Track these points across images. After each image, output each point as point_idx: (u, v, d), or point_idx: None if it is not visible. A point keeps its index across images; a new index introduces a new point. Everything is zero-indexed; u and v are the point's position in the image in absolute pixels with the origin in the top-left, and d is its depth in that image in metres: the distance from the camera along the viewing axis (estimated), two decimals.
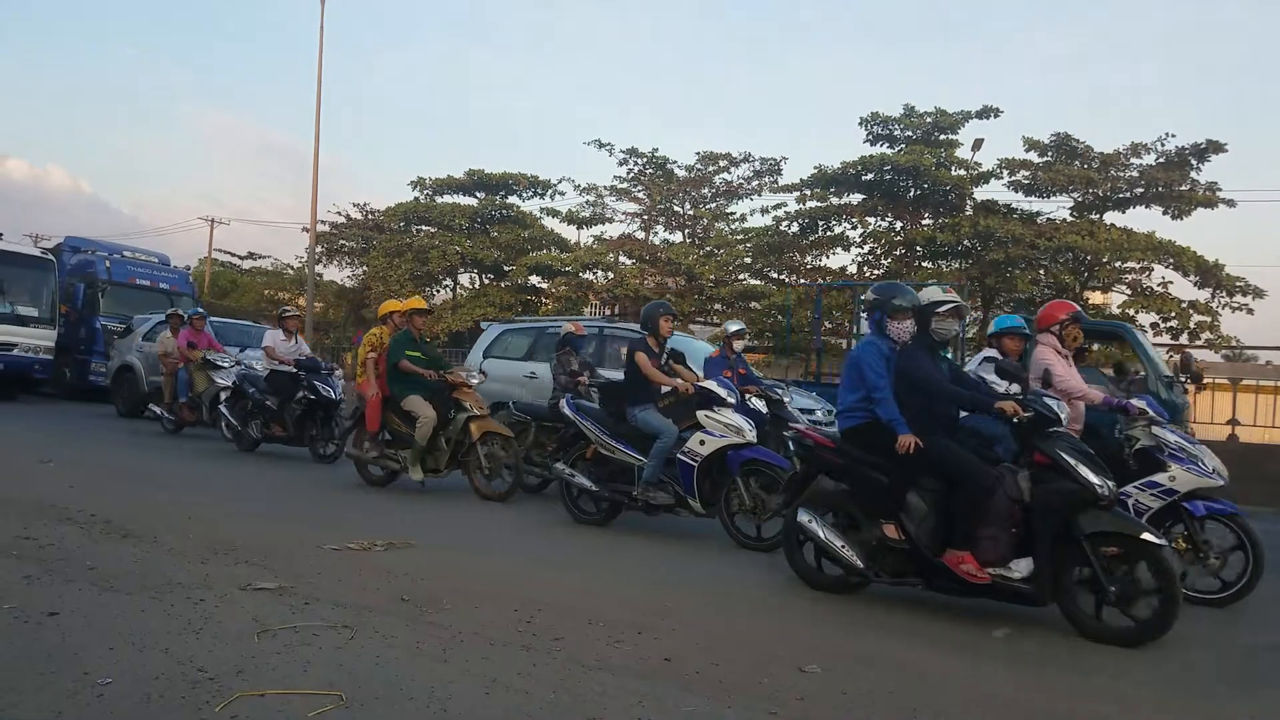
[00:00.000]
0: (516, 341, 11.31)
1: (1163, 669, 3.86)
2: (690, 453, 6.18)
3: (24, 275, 15.97)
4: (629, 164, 24.87)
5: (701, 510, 6.21)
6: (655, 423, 6.39)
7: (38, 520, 5.32)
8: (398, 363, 7.69)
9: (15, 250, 16.49)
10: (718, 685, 3.20)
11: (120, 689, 2.83)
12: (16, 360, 15.12)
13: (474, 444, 7.53)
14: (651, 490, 6.33)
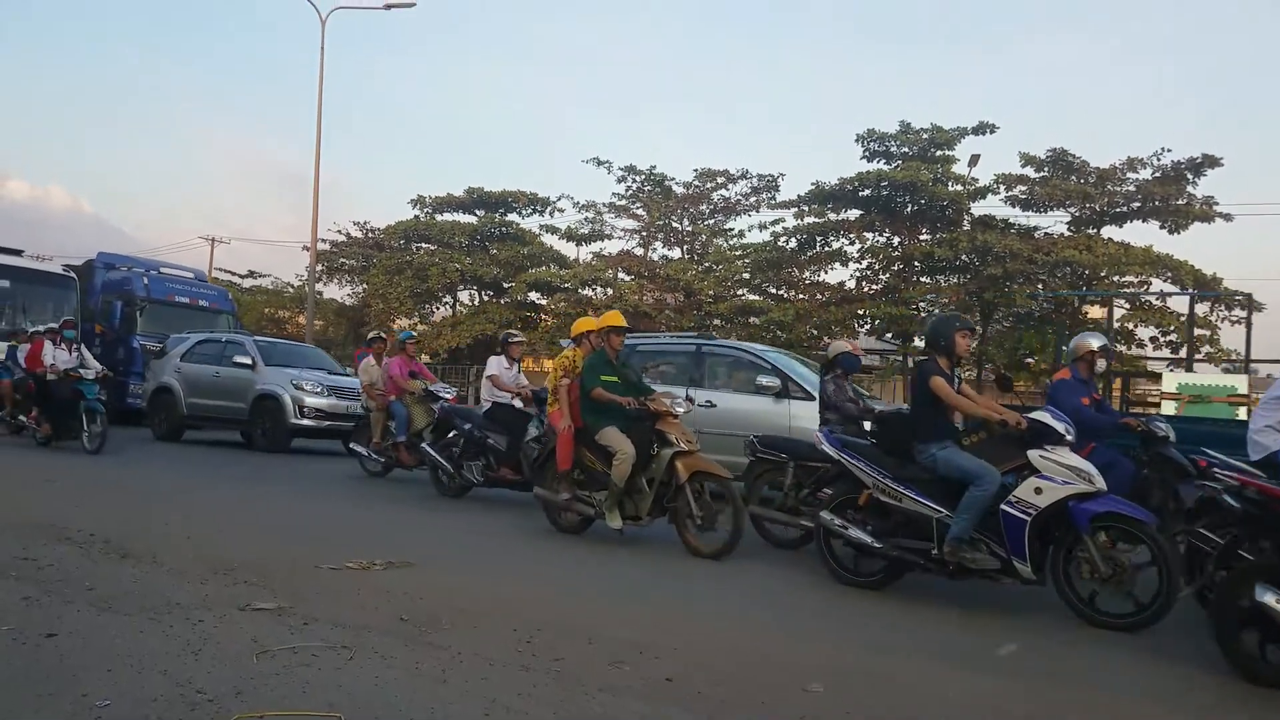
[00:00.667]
0: None
1: (1171, 685, 3.84)
2: (1021, 503, 4.81)
3: (46, 294, 15.74)
4: (627, 181, 25.00)
5: (1032, 576, 4.84)
6: (967, 464, 5.00)
7: (37, 541, 5.30)
8: (590, 391, 6.63)
9: (36, 268, 16.28)
10: (720, 705, 3.18)
11: (119, 711, 2.81)
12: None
13: (681, 486, 6.30)
14: (965, 550, 4.95)
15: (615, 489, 6.43)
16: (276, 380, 12.83)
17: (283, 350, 14.38)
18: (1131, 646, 4.46)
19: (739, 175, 24.37)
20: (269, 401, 12.77)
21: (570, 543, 6.67)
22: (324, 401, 12.74)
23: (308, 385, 12.76)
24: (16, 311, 15.34)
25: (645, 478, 6.44)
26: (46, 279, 16.04)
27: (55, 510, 6.47)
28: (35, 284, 15.63)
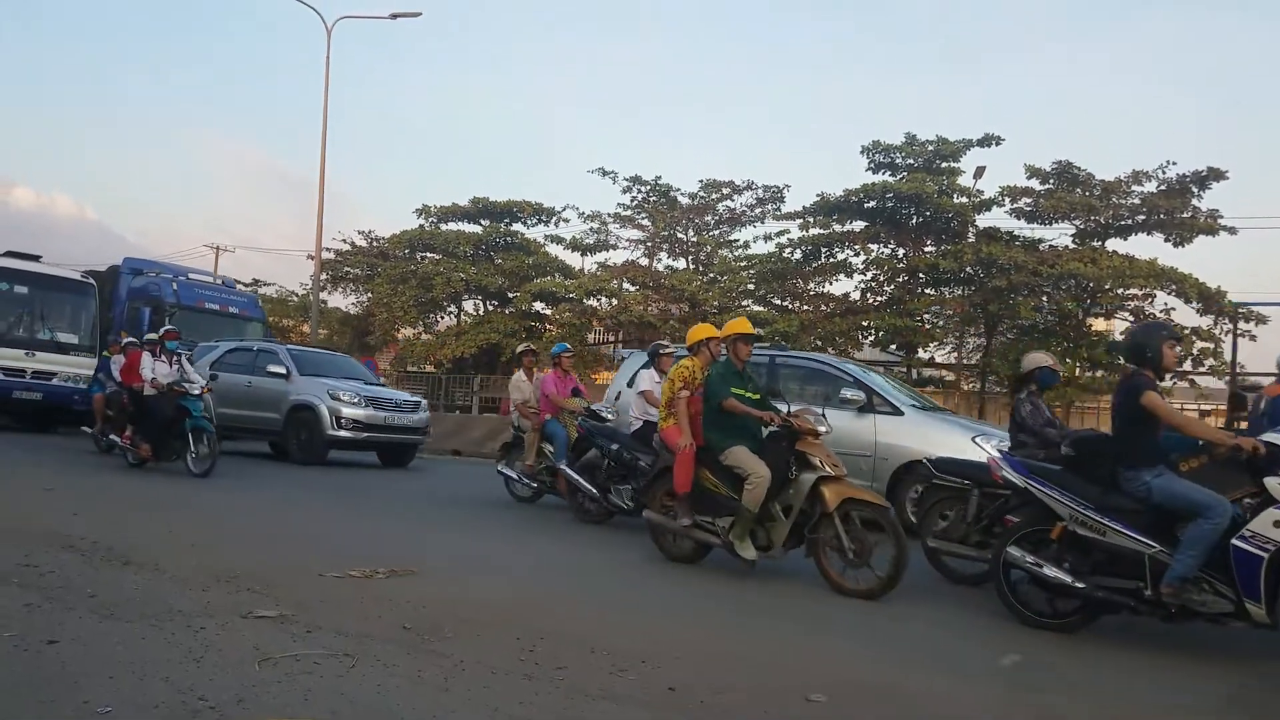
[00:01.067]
0: None
1: (1175, 695, 3.82)
2: (1257, 537, 4.25)
3: (63, 300, 15.35)
4: (633, 191, 25.06)
5: (1267, 619, 4.28)
6: (1192, 494, 4.44)
7: (39, 548, 5.30)
8: (721, 402, 5.99)
9: (54, 274, 15.76)
10: (722, 715, 3.17)
11: (120, 718, 2.80)
12: (56, 390, 14.48)
13: (828, 515, 5.60)
14: (1189, 590, 4.39)
15: (748, 516, 5.74)
16: (312, 390, 12.44)
17: (315, 359, 13.98)
18: (1135, 656, 4.43)
19: (744, 186, 24.43)
20: (304, 412, 12.42)
21: (573, 552, 6.66)
22: (361, 412, 12.34)
23: (344, 395, 12.36)
24: (35, 319, 14.97)
25: (779, 505, 5.78)
26: (65, 285, 15.61)
27: (59, 519, 6.48)
28: (53, 290, 15.24)
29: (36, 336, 14.74)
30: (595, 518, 8.17)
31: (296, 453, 12.43)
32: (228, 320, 16.97)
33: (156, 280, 16.99)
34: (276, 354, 13.38)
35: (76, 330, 15.25)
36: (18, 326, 14.71)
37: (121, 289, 17.19)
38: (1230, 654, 4.70)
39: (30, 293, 14.94)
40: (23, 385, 14.34)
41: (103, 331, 16.00)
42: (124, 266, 17.85)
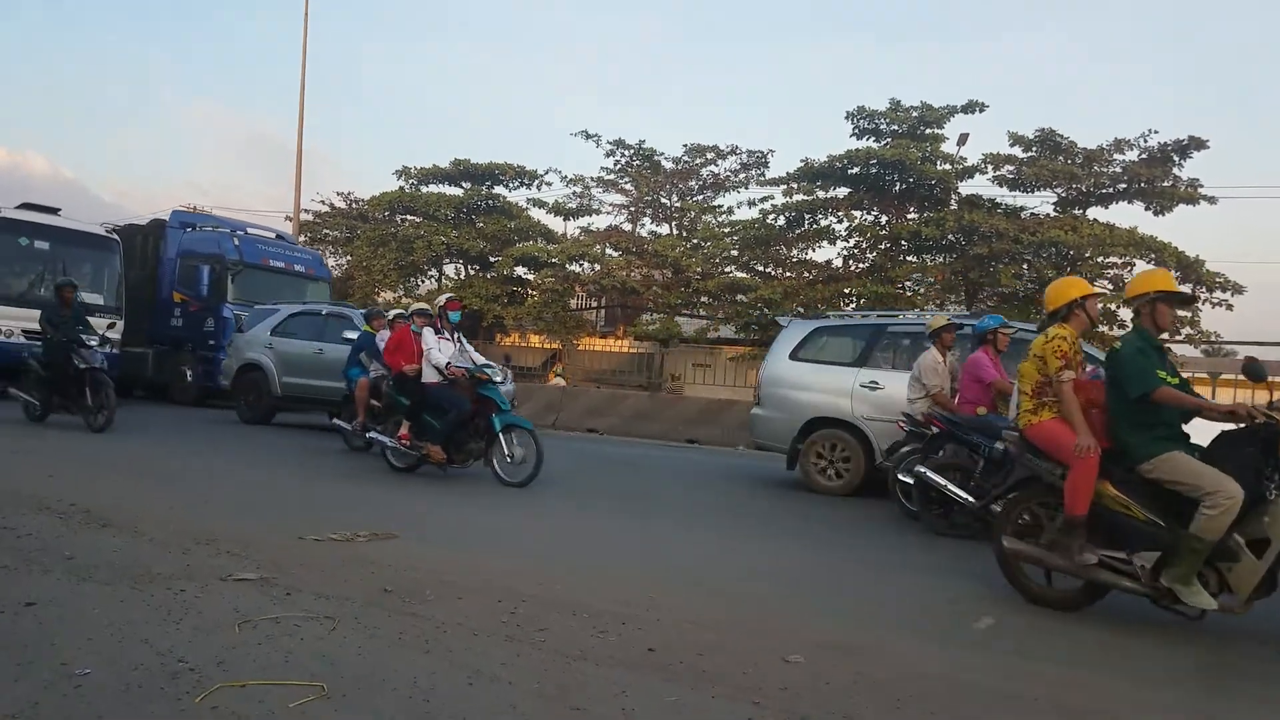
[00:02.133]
0: (836, 343, 9.31)
1: (1143, 661, 3.90)
2: None
3: (86, 257, 14.19)
4: (616, 155, 24.88)
5: None
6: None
7: (15, 510, 5.26)
8: (1152, 391, 4.27)
9: (76, 228, 14.50)
10: (701, 675, 3.21)
11: (99, 679, 2.80)
12: None
13: None
14: None
15: (1199, 549, 4.10)
16: None
17: None
18: (1106, 623, 4.52)
19: (728, 151, 24.29)
20: None
21: (554, 517, 6.68)
22: None
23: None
24: (57, 277, 13.61)
25: (1242, 536, 4.10)
26: (88, 241, 14.30)
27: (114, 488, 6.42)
28: (74, 246, 14.02)
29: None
30: (966, 532, 6.50)
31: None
32: (292, 280, 15.77)
33: (214, 235, 15.65)
34: (351, 319, 12.09)
35: (100, 290, 14.14)
36: (38, 285, 13.61)
37: (170, 245, 15.96)
38: (1204, 624, 4.80)
39: (51, 249, 13.81)
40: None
41: (130, 289, 14.97)
42: (172, 220, 16.58)
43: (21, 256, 13.66)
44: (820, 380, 8.90)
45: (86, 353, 9.75)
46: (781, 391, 9.16)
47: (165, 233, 16.29)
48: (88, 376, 9.75)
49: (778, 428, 9.13)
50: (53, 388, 9.91)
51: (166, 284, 15.99)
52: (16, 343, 12.93)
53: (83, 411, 9.84)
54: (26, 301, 13.21)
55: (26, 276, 13.70)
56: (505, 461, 7.93)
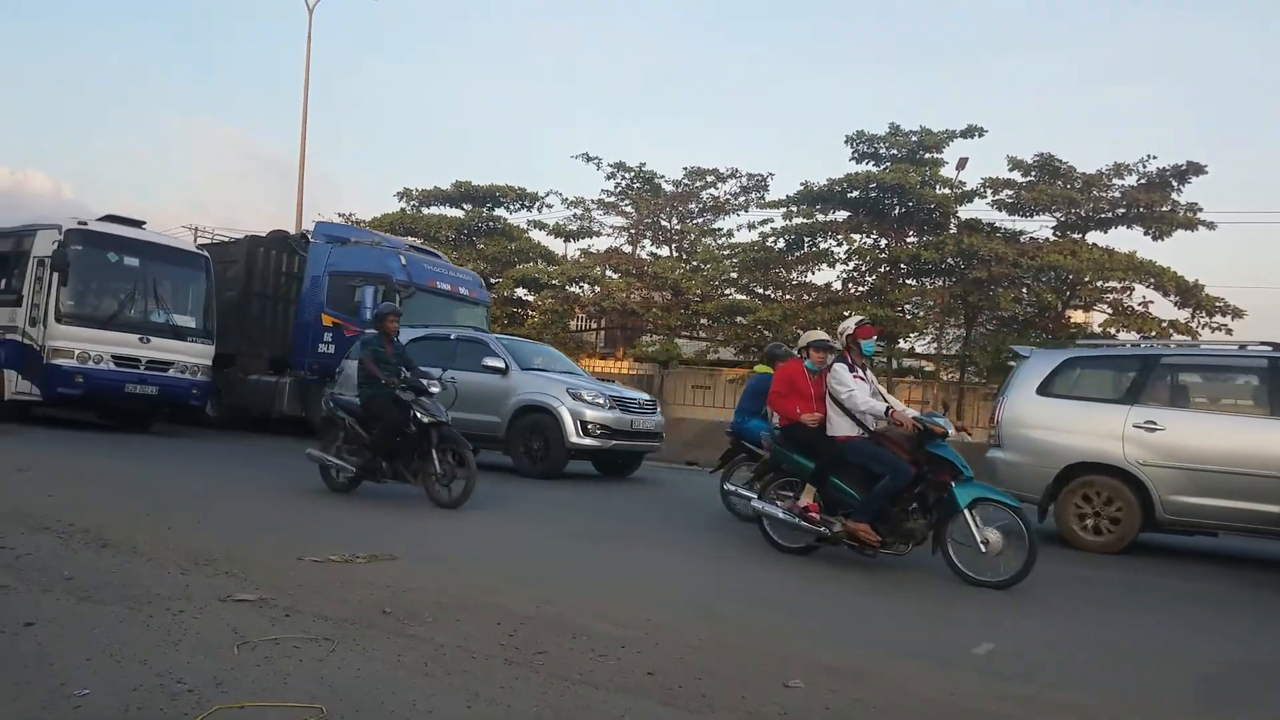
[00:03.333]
0: (1095, 376, 8.25)
1: (1147, 685, 3.89)
2: None
3: (176, 276, 13.13)
4: (616, 178, 24.97)
5: None
6: None
7: (15, 530, 5.26)
8: None
9: (166, 243, 13.57)
10: (700, 700, 3.20)
11: (97, 700, 2.80)
12: (172, 384, 12.40)
13: None
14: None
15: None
16: (544, 389, 10.45)
17: (527, 350, 11.75)
18: (1107, 648, 4.51)
19: (728, 174, 24.39)
20: (537, 416, 10.33)
21: (553, 539, 6.67)
22: (609, 416, 10.33)
23: (588, 395, 10.34)
24: (148, 299, 12.56)
25: None
26: (178, 258, 13.23)
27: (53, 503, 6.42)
28: (166, 263, 12.92)
29: (150, 319, 12.52)
30: None
31: (527, 464, 10.37)
32: (456, 305, 14.17)
33: (377, 252, 14.01)
34: (487, 344, 11.16)
35: (191, 311, 13.07)
36: (128, 306, 12.42)
37: (316, 261, 14.38)
38: (1210, 636, 4.79)
39: (141, 266, 12.61)
40: (136, 377, 12.21)
41: (249, 309, 14.28)
42: (317, 233, 14.98)
43: (110, 274, 12.47)
44: (1081, 420, 7.73)
45: (429, 403, 7.67)
46: (1029, 433, 7.95)
47: (310, 248, 14.74)
48: (434, 434, 7.59)
49: (1025, 474, 7.85)
50: (382, 449, 7.72)
51: (310, 305, 14.25)
52: (106, 370, 11.87)
53: (426, 479, 7.65)
54: (117, 324, 12.19)
55: (116, 297, 12.45)
56: (976, 551, 5.61)
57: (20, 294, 12.29)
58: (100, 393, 11.98)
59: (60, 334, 11.70)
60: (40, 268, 12.08)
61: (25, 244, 12.55)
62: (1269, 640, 5.02)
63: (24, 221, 13.28)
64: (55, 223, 12.49)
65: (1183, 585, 6.62)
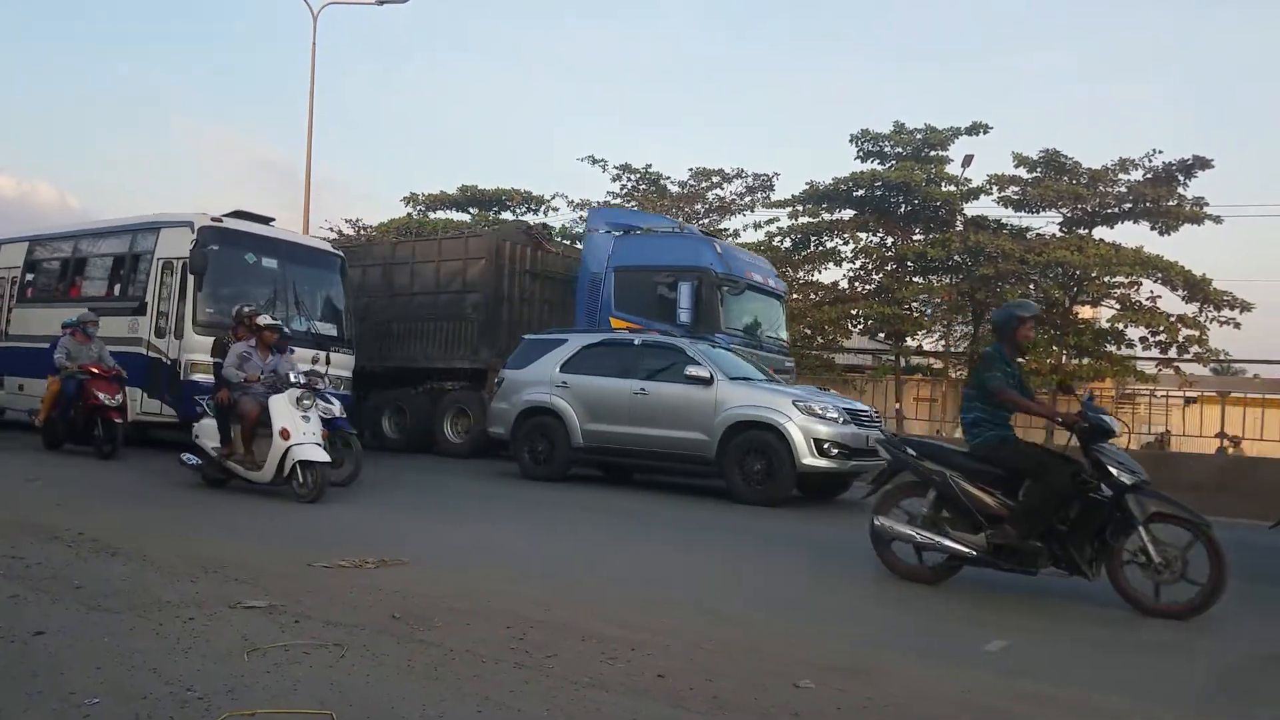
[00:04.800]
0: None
1: (1159, 682, 3.86)
2: None
3: (316, 278, 11.87)
4: (622, 179, 24.99)
5: None
6: None
7: (25, 539, 5.27)
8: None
9: (304, 243, 12.51)
10: (711, 701, 3.18)
11: (108, 708, 2.79)
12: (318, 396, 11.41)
13: None
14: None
15: None
16: (763, 402, 9.14)
17: (727, 356, 10.26)
18: (1120, 645, 4.48)
19: (734, 174, 24.38)
20: (758, 433, 8.99)
21: (564, 542, 6.67)
22: (845, 431, 8.93)
23: (819, 408, 8.99)
24: (287, 303, 11.33)
25: None
26: (316, 259, 12.04)
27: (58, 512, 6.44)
28: (304, 265, 11.74)
29: (293, 328, 10.86)
30: None
31: (743, 489, 9.07)
32: (770, 303, 12.32)
33: (684, 241, 12.09)
34: (683, 350, 9.72)
35: (331, 317, 11.83)
36: (269, 313, 10.79)
37: (597, 255, 12.40)
38: (1220, 629, 4.75)
39: (280, 267, 11.38)
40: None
41: (486, 312, 12.66)
42: (594, 220, 13.24)
43: (248, 277, 11.19)
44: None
45: None
46: None
47: (590, 238, 12.87)
48: None
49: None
50: None
51: (590, 305, 12.30)
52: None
53: None
54: None
55: (255, 303, 10.88)
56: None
57: (142, 301, 11.20)
58: None
59: (199, 346, 10.34)
60: (167, 271, 11.00)
61: (143, 243, 11.48)
62: (1276, 633, 4.98)
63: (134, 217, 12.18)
64: (182, 218, 11.21)
65: None
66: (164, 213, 11.72)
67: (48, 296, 12.91)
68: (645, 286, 11.67)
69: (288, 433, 7.51)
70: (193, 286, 10.68)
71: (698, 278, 11.28)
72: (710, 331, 11.07)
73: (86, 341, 10.16)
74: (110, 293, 12.02)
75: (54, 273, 13.18)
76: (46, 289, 13.13)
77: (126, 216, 12.47)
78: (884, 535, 5.53)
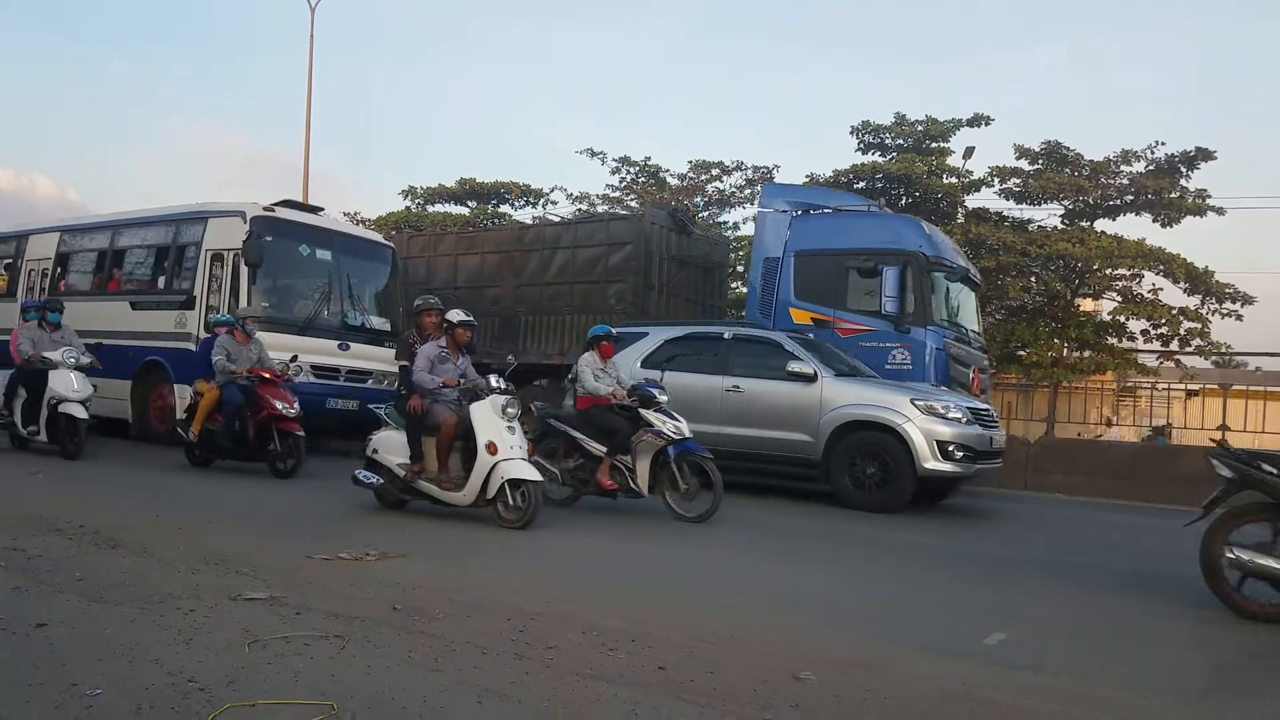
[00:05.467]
0: None
1: (1155, 673, 3.86)
2: None
3: (368, 271, 11.46)
4: (621, 172, 24.95)
5: None
6: None
7: (26, 531, 5.28)
8: None
9: (356, 234, 12.11)
10: (711, 694, 3.19)
11: (109, 700, 2.80)
12: (372, 397, 10.26)
13: None
14: None
15: None
16: (875, 399, 8.53)
17: (832, 351, 9.61)
18: (1120, 636, 4.48)
19: (734, 167, 24.34)
20: (872, 434, 8.42)
21: (566, 535, 6.67)
22: (970, 432, 8.40)
23: (940, 407, 8.37)
24: (343, 298, 10.89)
25: None
26: (369, 251, 11.63)
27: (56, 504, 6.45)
28: (356, 256, 11.31)
29: (347, 322, 10.78)
30: None
31: (855, 494, 8.55)
32: (969, 293, 11.22)
33: (877, 218, 11.15)
34: (780, 344, 9.07)
35: (383, 311, 11.41)
36: (324, 308, 10.75)
37: (773, 237, 11.07)
38: (1221, 621, 4.76)
39: (334, 259, 10.92)
40: (336, 390, 10.47)
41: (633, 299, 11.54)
42: (767, 198, 11.72)
43: (302, 270, 10.81)
44: None
45: None
46: None
47: (759, 220, 11.64)
48: None
49: None
50: None
51: (765, 294, 11.05)
52: (308, 384, 9.93)
53: None
54: (315, 329, 10.48)
55: (310, 297, 10.83)
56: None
57: (190, 294, 10.70)
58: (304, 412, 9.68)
59: None
60: (216, 263, 10.52)
61: (189, 233, 10.98)
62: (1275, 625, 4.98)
63: (179, 207, 11.73)
64: (233, 208, 10.75)
65: (1190, 570, 6.59)
66: (210, 201, 11.40)
67: (83, 290, 12.27)
68: (832, 273, 10.39)
69: (494, 446, 6.46)
70: (246, 279, 10.16)
71: (904, 262, 9.96)
72: (921, 324, 9.96)
73: (246, 342, 9.06)
74: (153, 285, 11.47)
75: (89, 265, 12.55)
76: (81, 282, 12.52)
77: (167, 206, 12.05)
78: (1239, 569, 4.78)
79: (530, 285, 13.13)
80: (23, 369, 9.43)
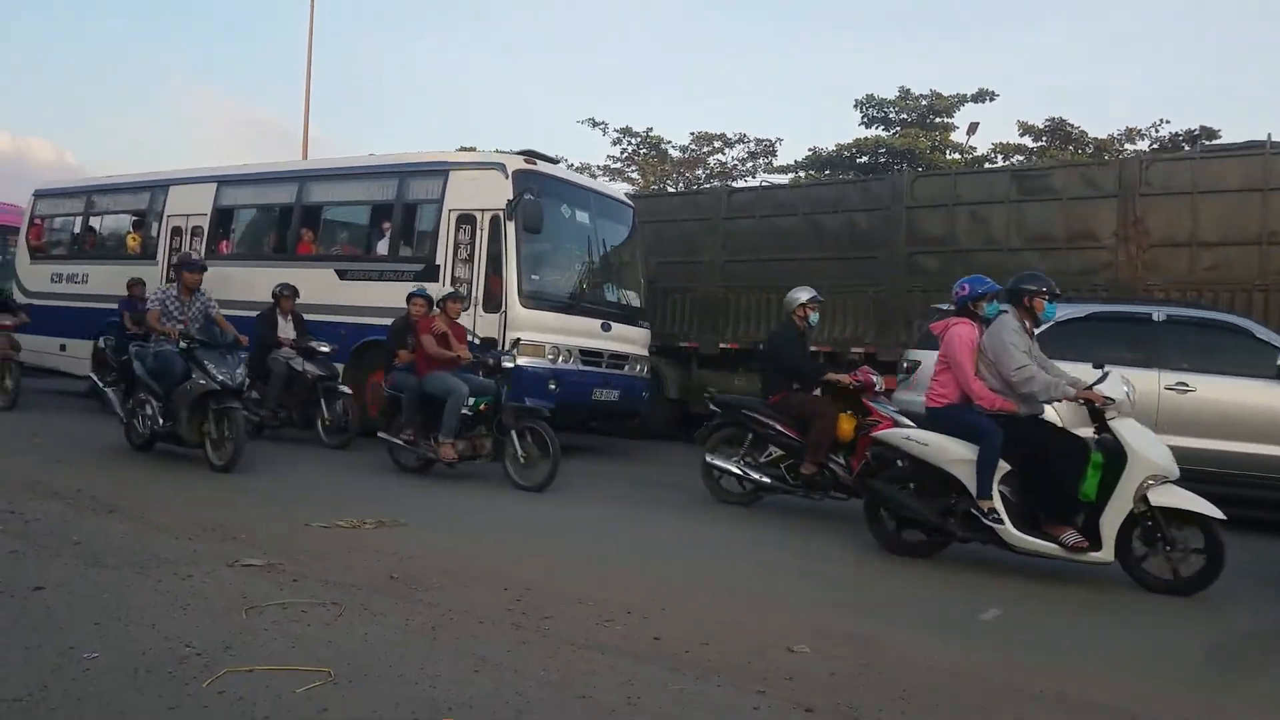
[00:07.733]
0: None
1: (1150, 653, 3.88)
2: None
3: (619, 237, 9.88)
4: (623, 143, 24.81)
5: None
6: None
7: (24, 496, 5.29)
8: None
9: (606, 193, 10.36)
10: (706, 665, 3.20)
11: (106, 664, 2.81)
12: (630, 386, 9.33)
13: None
14: None
15: None
16: None
17: None
18: (1112, 614, 4.50)
19: (736, 139, 24.21)
20: None
21: (562, 507, 6.69)
22: None
23: None
24: (601, 270, 9.64)
25: None
26: (617, 212, 9.96)
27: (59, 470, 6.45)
28: (609, 219, 9.71)
29: (606, 298, 9.35)
30: None
31: None
32: None
33: None
34: (1251, 332, 7.01)
35: (633, 285, 9.92)
36: (584, 281, 9.28)
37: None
38: (1211, 609, 4.79)
39: (591, 224, 9.37)
40: (600, 378, 9.05)
41: None
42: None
43: (563, 236, 9.17)
44: None
45: None
46: None
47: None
48: None
49: None
50: None
51: None
52: (576, 371, 8.71)
53: None
54: (581, 307, 8.97)
55: (571, 268, 9.29)
56: None
57: (431, 263, 8.93)
58: (569, 404, 8.53)
59: (526, 322, 8.39)
60: (463, 226, 8.79)
61: (421, 189, 9.24)
62: (1272, 606, 5.01)
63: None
64: (488, 160, 9.17)
65: None
66: (453, 152, 9.99)
67: (256, 252, 10.64)
68: None
69: None
70: (513, 247, 8.44)
71: None
72: None
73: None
74: (372, 251, 9.63)
75: (265, 222, 10.86)
76: (253, 242, 10.90)
77: (388, 155, 10.14)
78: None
79: (792, 259, 10.81)
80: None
